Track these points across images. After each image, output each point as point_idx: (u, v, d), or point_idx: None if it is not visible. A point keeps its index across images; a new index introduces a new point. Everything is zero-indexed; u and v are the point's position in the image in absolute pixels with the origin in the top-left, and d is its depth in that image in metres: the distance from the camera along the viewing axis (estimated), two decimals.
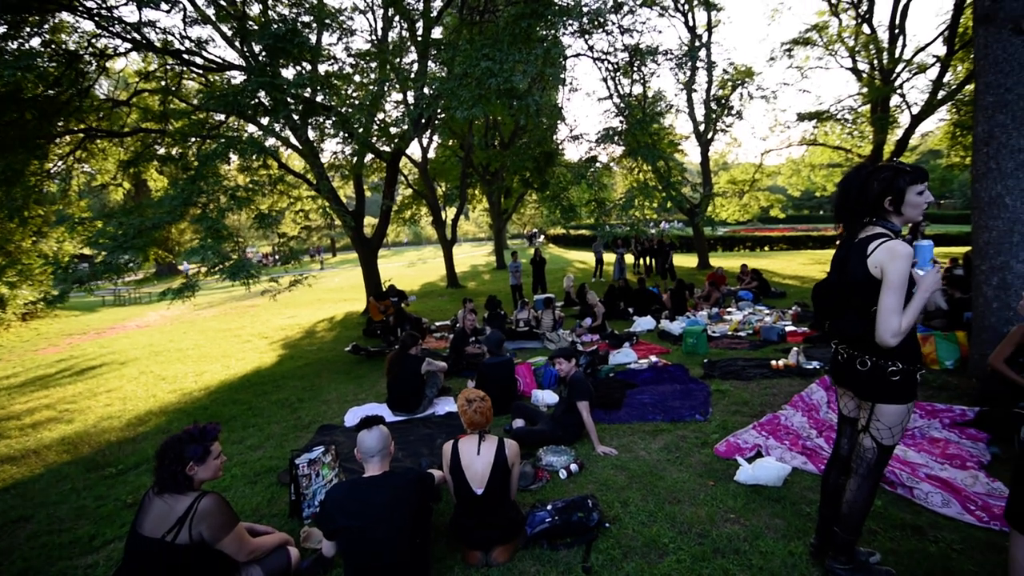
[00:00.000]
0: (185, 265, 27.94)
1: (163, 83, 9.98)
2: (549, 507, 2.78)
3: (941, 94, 14.05)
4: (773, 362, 5.65)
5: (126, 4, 7.91)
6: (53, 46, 8.10)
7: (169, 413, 5.80)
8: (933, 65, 14.56)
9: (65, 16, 8.62)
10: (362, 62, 10.07)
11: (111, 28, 8.01)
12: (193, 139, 9.29)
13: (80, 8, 7.53)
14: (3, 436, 5.44)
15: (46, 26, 8.14)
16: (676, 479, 3.29)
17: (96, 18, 7.77)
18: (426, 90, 7.48)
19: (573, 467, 3.47)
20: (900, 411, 1.99)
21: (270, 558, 2.38)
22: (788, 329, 7.18)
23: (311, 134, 9.79)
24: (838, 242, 2.23)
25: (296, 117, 8.67)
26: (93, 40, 8.56)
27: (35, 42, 8.01)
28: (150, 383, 7.25)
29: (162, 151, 10.25)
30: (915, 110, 14.88)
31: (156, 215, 6.29)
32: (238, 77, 9.59)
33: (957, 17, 12.75)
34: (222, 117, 9.82)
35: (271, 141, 9.59)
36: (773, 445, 3.63)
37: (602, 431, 4.12)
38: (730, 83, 16.54)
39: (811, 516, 2.72)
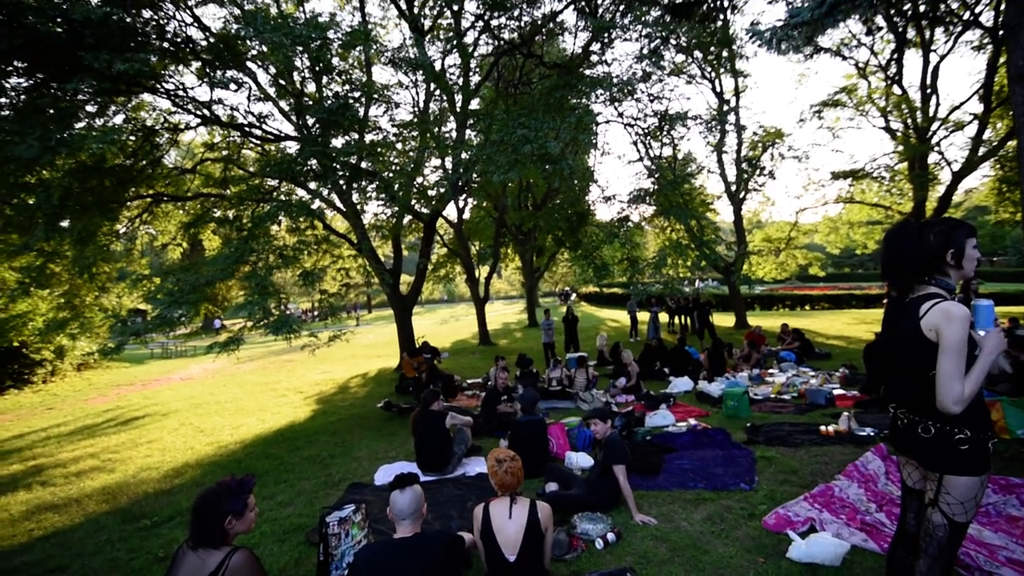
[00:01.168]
0: (217, 322, 29.17)
1: (225, 152, 10.93)
2: None
3: (982, 150, 13.82)
4: (822, 428, 5.32)
5: (200, 85, 8.86)
6: (133, 121, 9.06)
7: (204, 466, 5.87)
8: (971, 123, 14.43)
9: (146, 96, 9.70)
10: (404, 131, 10.80)
11: (186, 106, 8.93)
12: (247, 202, 10.01)
13: (160, 90, 8.48)
14: (49, 483, 5.61)
15: (130, 104, 9.16)
16: (722, 554, 3.06)
17: (174, 98, 8.71)
18: (464, 155, 7.91)
19: (610, 536, 3.29)
20: (972, 484, 1.83)
21: None
22: (837, 392, 6.80)
23: (355, 197, 10.40)
24: (885, 300, 2.16)
25: (342, 182, 9.27)
26: (168, 116, 9.54)
27: (119, 118, 9.00)
28: (189, 435, 7.41)
29: (219, 214, 11.04)
30: (955, 167, 14.63)
31: (210, 272, 6.70)
32: (292, 147, 10.42)
33: (991, 76, 12.77)
34: (275, 182, 10.60)
35: (317, 204, 10.22)
36: (828, 519, 3.35)
37: (640, 498, 3.92)
38: (760, 144, 16.76)
39: None
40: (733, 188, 17.12)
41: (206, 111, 8.95)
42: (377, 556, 2.29)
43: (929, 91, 15.30)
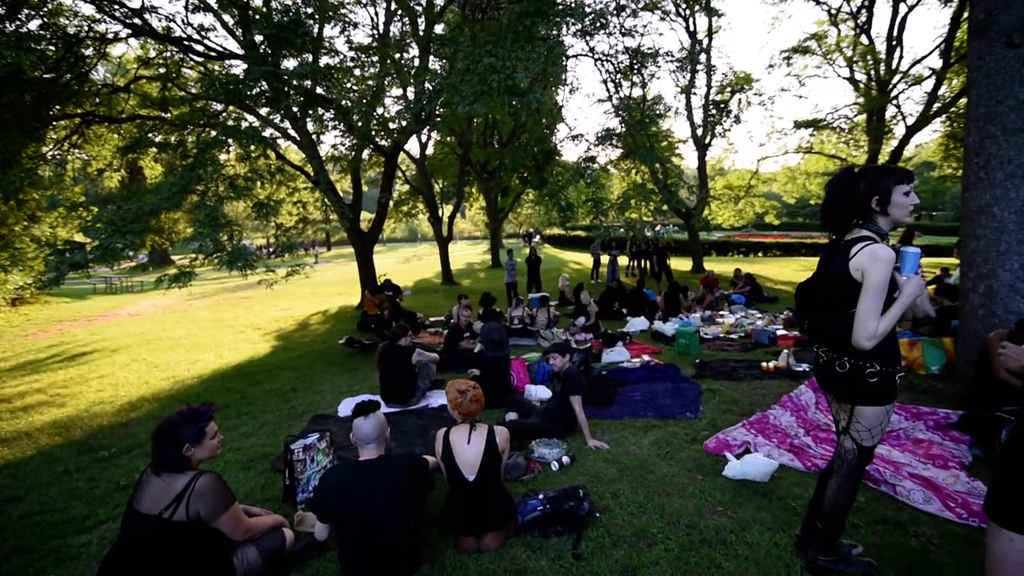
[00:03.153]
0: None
1: (162, 70, 9.93)
2: (541, 496, 2.83)
3: (936, 106, 14.26)
4: (764, 364, 5.73)
5: None
6: (52, 28, 8.05)
7: (162, 399, 5.79)
8: (929, 77, 14.78)
9: None
10: (363, 56, 10.07)
11: (112, 13, 7.97)
12: (191, 127, 9.27)
13: None
14: None
15: (45, 8, 8.09)
16: (666, 473, 3.35)
17: (97, 1, 7.74)
18: (428, 85, 7.50)
19: (565, 459, 3.52)
20: (879, 413, 2.01)
21: (266, 539, 2.41)
22: (779, 333, 7.28)
23: (310, 126, 9.79)
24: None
25: (296, 108, 8.67)
26: (93, 24, 8.51)
27: (33, 24, 7.97)
28: (142, 370, 7.23)
29: (159, 138, 10.21)
30: (910, 121, 15.11)
31: (155, 201, 6.28)
32: (238, 67, 9.58)
33: (954, 31, 12.95)
34: (221, 107, 9.81)
35: (269, 131, 9.58)
36: (761, 442, 3.69)
37: (594, 426, 4.17)
38: (729, 88, 16.67)
39: (796, 510, 2.79)
40: (699, 132, 17.15)
41: (137, 20, 8.02)
42: (343, 478, 2.38)
43: (895, 43, 15.46)
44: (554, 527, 2.71)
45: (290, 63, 8.65)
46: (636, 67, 12.26)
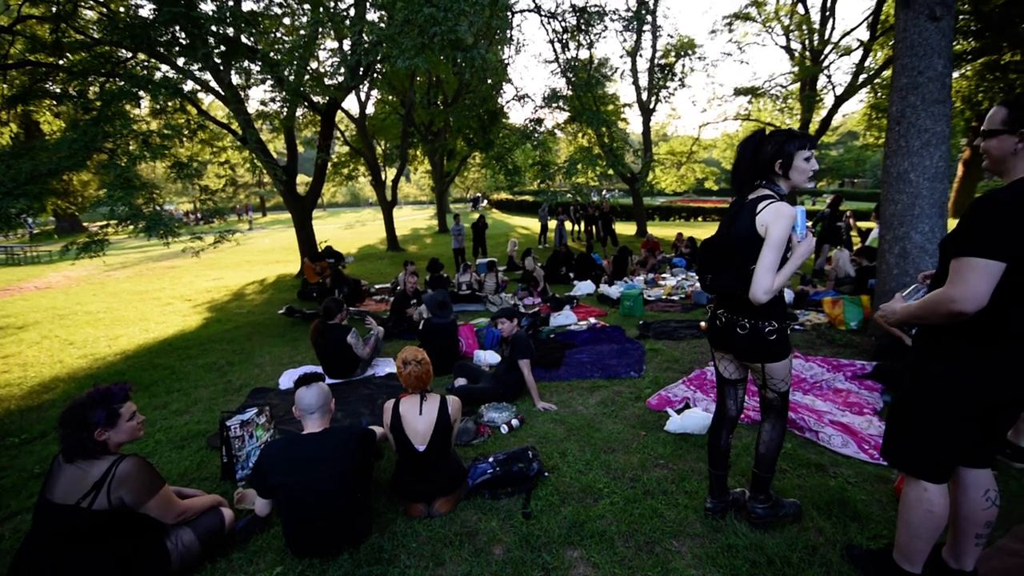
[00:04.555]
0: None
1: (54, 9, 8.67)
2: (491, 459, 2.85)
3: (862, 77, 14.99)
4: (702, 323, 6.01)
5: None
6: None
7: (79, 379, 5.32)
8: (857, 49, 15.46)
9: None
10: (293, 2, 9.24)
11: None
12: (94, 76, 8.22)
13: None
14: None
15: None
16: (611, 431, 3.46)
17: None
18: (364, 37, 6.98)
19: (514, 422, 3.56)
20: (785, 364, 2.13)
21: (202, 520, 2.29)
22: None
23: (235, 79, 8.95)
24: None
25: (218, 60, 7.86)
26: None
27: None
28: (55, 348, 6.60)
29: (56, 88, 9.02)
30: (839, 91, 15.83)
31: (53, 159, 5.56)
32: (146, 7, 8.53)
33: (881, 3, 13.52)
34: (129, 54, 8.75)
35: (191, 85, 8.69)
36: (700, 397, 3.89)
37: (542, 388, 4.24)
38: (673, 52, 16.76)
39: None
40: (644, 96, 17.24)
41: None
42: (285, 451, 2.28)
43: (828, 14, 15.98)
44: (504, 488, 2.75)
45: (208, 6, 7.79)
46: (583, 27, 12.02)
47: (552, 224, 15.81)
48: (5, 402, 4.75)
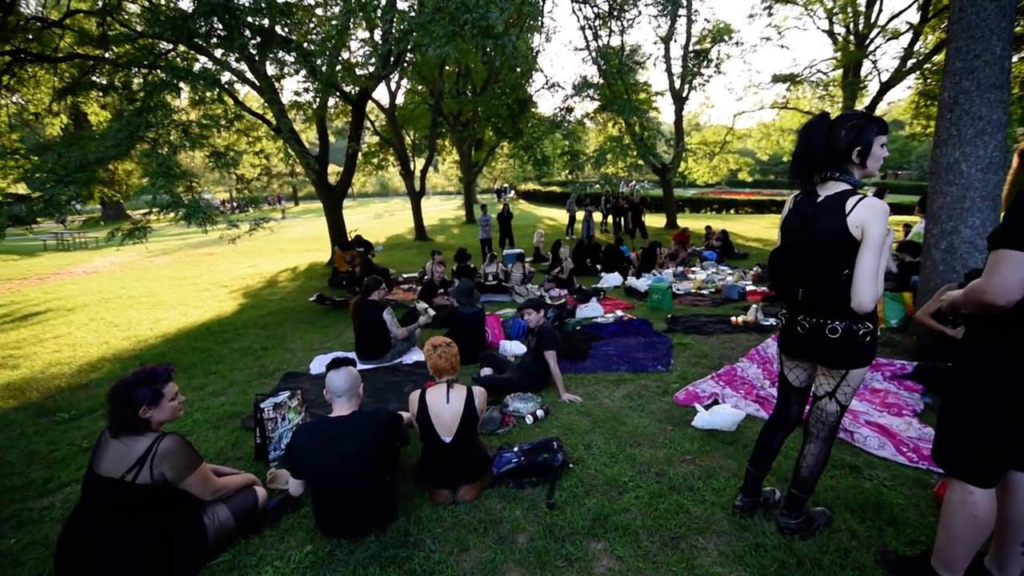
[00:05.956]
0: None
1: (100, 3, 9.00)
2: (515, 449, 2.86)
3: (911, 62, 14.27)
4: (733, 318, 5.87)
5: None
6: None
7: (124, 360, 5.58)
8: (906, 32, 14.71)
9: None
10: None
11: None
12: (138, 68, 8.52)
13: None
14: None
15: None
16: (637, 424, 3.43)
17: None
18: (396, 25, 7.00)
19: (539, 413, 3.57)
20: (865, 372, 1.97)
21: (237, 497, 2.38)
22: (748, 288, 7.44)
23: (270, 69, 9.13)
24: (791, 202, 2.07)
25: (253, 50, 8.03)
26: None
27: None
28: (101, 330, 6.93)
29: (103, 80, 9.38)
30: (884, 77, 15.13)
31: (100, 149, 5.80)
32: (186, 0, 8.75)
33: None
34: (169, 45, 9.03)
35: (228, 76, 8.90)
36: (729, 394, 3.81)
37: (568, 380, 4.22)
38: (709, 39, 16.27)
39: None
40: (677, 84, 16.82)
41: None
42: (316, 433, 2.33)
43: None
44: (528, 478, 2.76)
45: None
46: (615, 12, 11.77)
47: (580, 215, 15.67)
48: (56, 380, 5.03)
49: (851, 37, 16.28)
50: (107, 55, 8.99)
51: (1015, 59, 13.49)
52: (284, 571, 2.18)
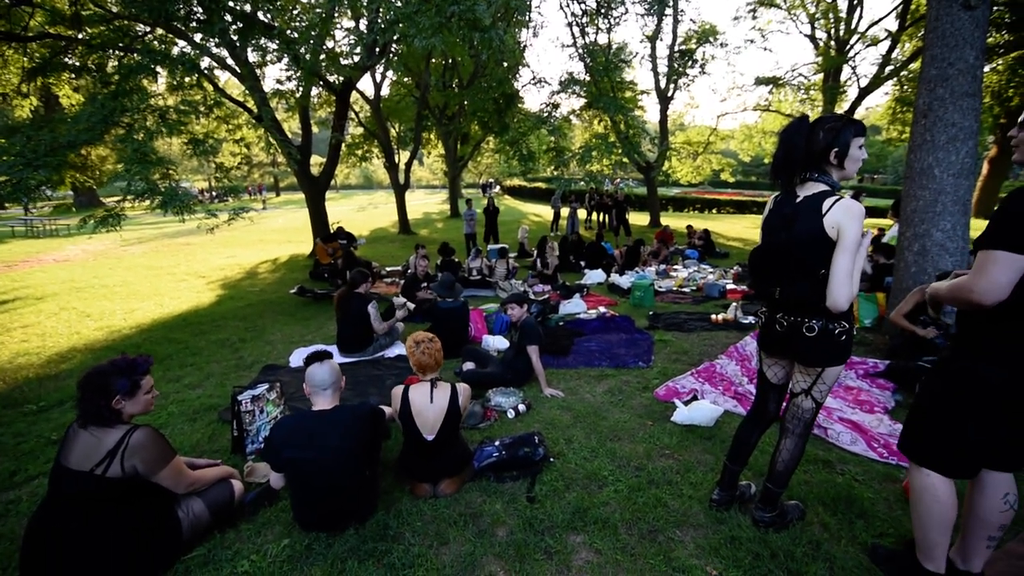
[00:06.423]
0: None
1: None
2: (497, 443, 2.87)
3: (888, 69, 14.61)
4: (713, 316, 5.96)
5: None
6: None
7: (96, 350, 5.43)
8: (885, 39, 15.03)
9: None
10: None
11: None
12: (113, 50, 8.25)
13: None
14: None
15: None
16: (618, 419, 3.47)
17: None
18: (381, 14, 6.89)
19: (521, 407, 3.58)
20: (840, 370, 2.02)
21: (212, 490, 2.34)
22: (729, 287, 7.56)
23: (251, 56, 8.92)
24: (771, 202, 2.11)
25: (234, 36, 7.83)
26: None
27: None
28: (73, 319, 6.73)
29: (76, 62, 9.06)
30: (863, 83, 15.44)
31: (71, 132, 5.61)
32: None
33: None
34: (147, 28, 8.75)
35: (208, 62, 8.68)
36: (708, 390, 3.87)
37: (550, 375, 4.24)
38: (695, 39, 16.42)
39: None
40: (663, 84, 16.96)
41: None
42: (296, 426, 2.30)
43: (856, 2, 15.54)
44: (509, 472, 2.77)
45: None
46: (603, 10, 11.80)
47: (564, 212, 15.72)
48: (24, 370, 4.87)
49: (832, 42, 16.60)
50: (80, 36, 8.69)
51: (987, 69, 13.92)
52: (260, 565, 2.16)
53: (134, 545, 2.02)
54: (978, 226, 1.69)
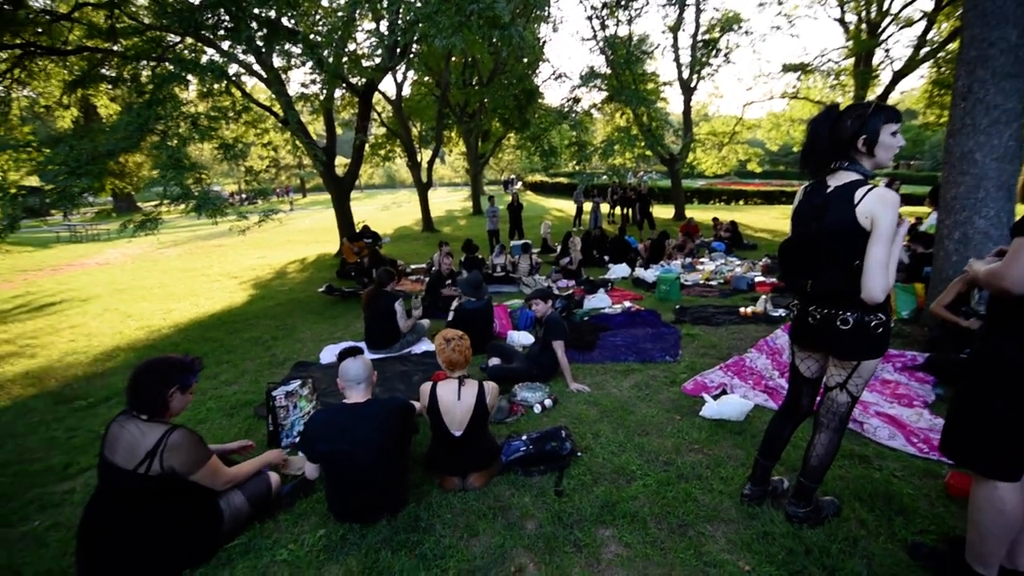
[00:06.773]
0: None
1: None
2: (524, 437, 2.88)
3: (924, 51, 14.01)
4: (742, 309, 5.85)
5: None
6: None
7: (138, 349, 5.67)
8: (920, 20, 14.43)
9: None
10: None
11: None
12: (146, 61, 8.56)
13: None
14: None
15: None
16: (645, 414, 3.45)
17: None
18: (402, 15, 6.97)
19: (547, 402, 3.59)
20: (876, 363, 1.97)
21: (251, 483, 2.42)
22: (757, 279, 7.41)
23: (276, 61, 9.13)
24: (801, 193, 2.06)
25: (260, 42, 8.03)
26: None
27: None
28: (115, 320, 7.04)
29: (112, 73, 9.44)
30: (897, 66, 14.87)
31: (110, 141, 5.86)
32: None
33: None
34: (177, 38, 9.05)
35: (235, 68, 8.92)
36: (737, 384, 3.81)
37: (576, 370, 4.24)
38: (718, 27, 16.06)
39: None
40: (685, 74, 16.64)
41: None
42: (329, 420, 2.37)
43: None
44: (537, 466, 2.78)
45: None
46: (623, 2, 11.64)
47: (587, 207, 15.61)
48: (73, 368, 5.12)
49: (863, 25, 15.98)
50: (116, 48, 9.03)
51: None
52: (298, 553, 2.23)
53: (180, 535, 2.12)
54: None
